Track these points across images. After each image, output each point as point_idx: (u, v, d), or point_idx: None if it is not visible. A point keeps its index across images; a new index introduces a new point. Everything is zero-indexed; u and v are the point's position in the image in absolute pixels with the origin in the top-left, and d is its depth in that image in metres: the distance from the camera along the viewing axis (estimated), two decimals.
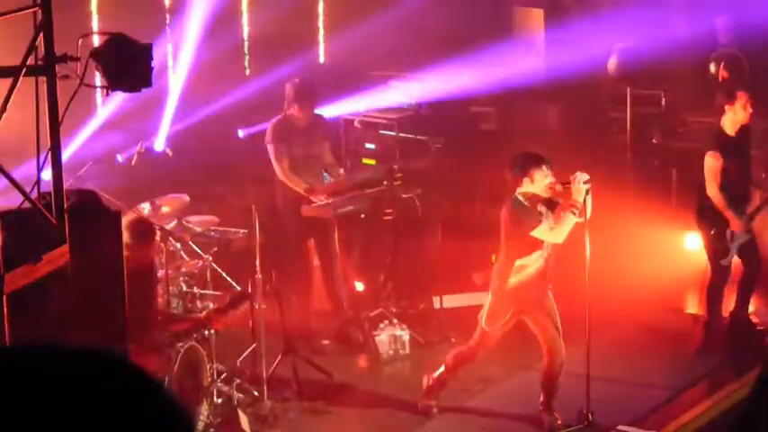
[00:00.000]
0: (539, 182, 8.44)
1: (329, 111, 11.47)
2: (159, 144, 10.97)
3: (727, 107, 10.14)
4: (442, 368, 9.09)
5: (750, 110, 10.07)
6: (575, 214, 8.37)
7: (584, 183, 8.39)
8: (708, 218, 10.26)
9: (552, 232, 8.45)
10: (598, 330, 10.03)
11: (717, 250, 10.27)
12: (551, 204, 8.53)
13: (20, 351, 1.64)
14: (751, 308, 10.80)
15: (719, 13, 13.17)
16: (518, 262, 8.60)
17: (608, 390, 9.19)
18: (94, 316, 6.68)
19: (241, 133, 11.92)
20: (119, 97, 10.66)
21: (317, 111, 10.80)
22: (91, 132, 11.45)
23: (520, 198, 8.49)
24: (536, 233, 8.45)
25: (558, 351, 8.69)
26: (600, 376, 9.03)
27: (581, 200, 8.38)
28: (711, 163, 10.06)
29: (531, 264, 8.60)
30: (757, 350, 10.27)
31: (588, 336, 8.63)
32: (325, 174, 10.86)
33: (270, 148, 10.57)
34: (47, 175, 6.39)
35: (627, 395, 9.36)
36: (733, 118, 10.11)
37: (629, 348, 10.29)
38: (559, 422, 8.80)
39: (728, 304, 10.56)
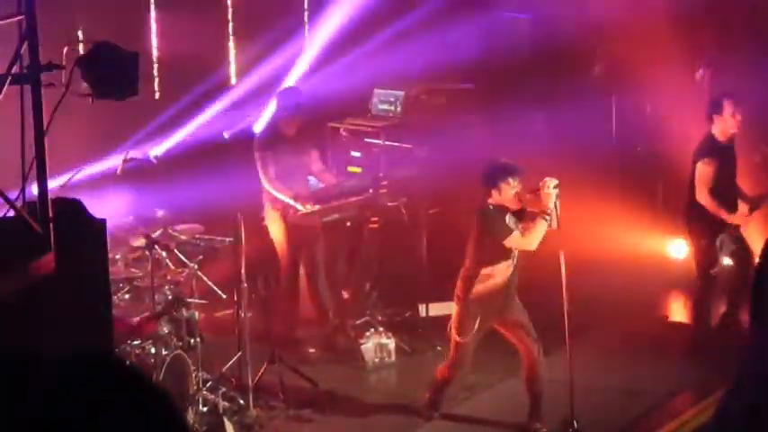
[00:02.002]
0: (506, 193, 8.52)
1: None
2: (153, 153, 10.90)
3: (715, 117, 10.15)
4: (432, 383, 9.14)
5: (738, 117, 10.10)
6: (546, 221, 8.43)
7: (554, 187, 8.44)
8: (697, 227, 10.25)
9: (524, 240, 8.53)
10: (584, 339, 10.06)
11: (707, 260, 10.25)
12: (520, 214, 8.60)
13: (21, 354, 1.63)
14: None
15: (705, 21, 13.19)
16: (484, 271, 8.65)
17: (594, 398, 9.19)
18: (80, 325, 6.67)
19: (226, 135, 11.89)
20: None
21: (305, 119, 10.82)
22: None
23: (491, 209, 8.56)
24: (508, 242, 8.52)
25: (532, 353, 8.72)
26: (586, 385, 9.03)
27: (551, 205, 8.44)
28: (704, 170, 10.05)
29: (498, 273, 8.66)
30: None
31: (568, 343, 8.63)
32: (311, 180, 10.86)
33: (257, 156, 10.57)
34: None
35: (613, 404, 9.36)
36: (723, 126, 10.13)
37: (614, 357, 10.30)
38: (545, 431, 8.80)
39: (719, 311, 10.56)
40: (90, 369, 1.60)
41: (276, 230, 10.67)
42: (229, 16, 13.49)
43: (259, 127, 10.79)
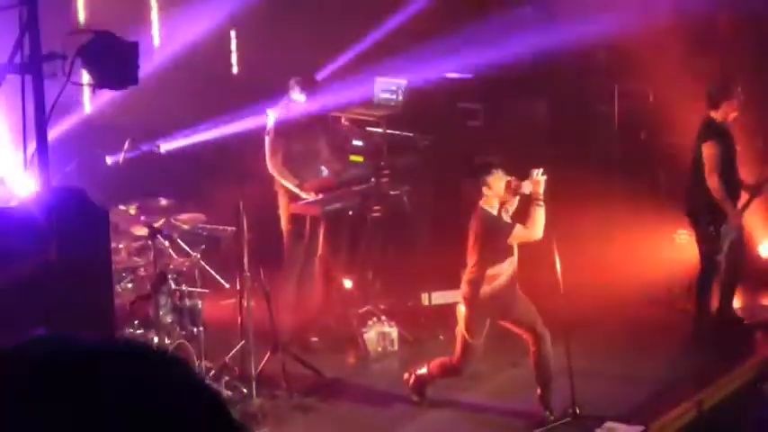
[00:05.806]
0: (497, 185, 8.53)
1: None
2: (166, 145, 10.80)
3: (724, 102, 10.11)
4: (425, 370, 9.11)
5: (742, 100, 10.11)
6: (541, 206, 8.45)
7: (542, 174, 8.48)
8: (702, 214, 10.24)
9: (528, 231, 8.53)
10: (586, 326, 10.07)
11: (712, 247, 10.25)
12: (519, 203, 8.63)
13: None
14: (737, 303, 10.82)
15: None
16: (490, 271, 8.64)
17: (596, 385, 9.20)
18: (82, 313, 6.68)
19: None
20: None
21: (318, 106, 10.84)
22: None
23: (486, 208, 8.57)
24: (513, 238, 8.53)
25: (542, 338, 8.70)
26: (588, 372, 9.04)
27: (541, 191, 8.47)
28: (709, 152, 10.05)
29: (503, 272, 8.66)
30: (745, 345, 10.30)
31: (566, 330, 8.64)
32: (323, 169, 10.85)
33: (267, 139, 10.58)
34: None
35: (615, 391, 9.36)
36: (727, 110, 10.12)
37: (617, 344, 10.31)
38: (552, 418, 8.77)
39: (714, 300, 10.59)
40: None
41: (284, 219, 10.71)
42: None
43: (274, 112, 10.75)
